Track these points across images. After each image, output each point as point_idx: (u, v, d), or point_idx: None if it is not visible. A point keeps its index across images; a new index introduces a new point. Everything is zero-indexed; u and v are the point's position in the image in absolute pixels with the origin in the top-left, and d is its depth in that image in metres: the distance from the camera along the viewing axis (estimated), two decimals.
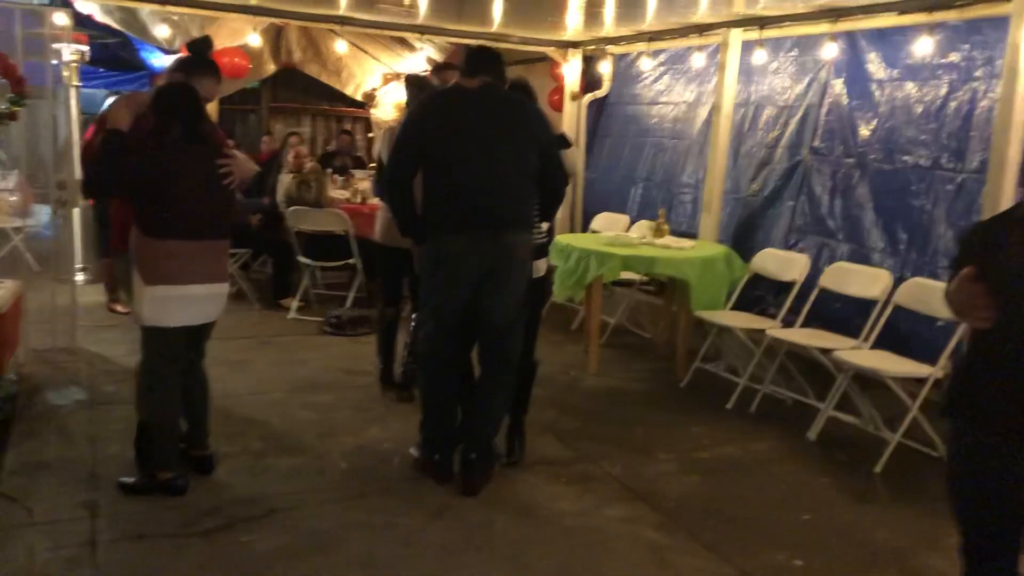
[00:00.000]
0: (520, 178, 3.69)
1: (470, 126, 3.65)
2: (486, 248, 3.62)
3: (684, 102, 7.04)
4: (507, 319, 3.73)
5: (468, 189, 3.61)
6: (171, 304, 3.38)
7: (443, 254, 3.65)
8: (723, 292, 5.47)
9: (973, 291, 1.98)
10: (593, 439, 4.48)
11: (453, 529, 3.42)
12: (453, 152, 3.63)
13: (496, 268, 3.65)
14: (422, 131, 3.70)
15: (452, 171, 3.63)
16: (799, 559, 3.34)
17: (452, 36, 7.42)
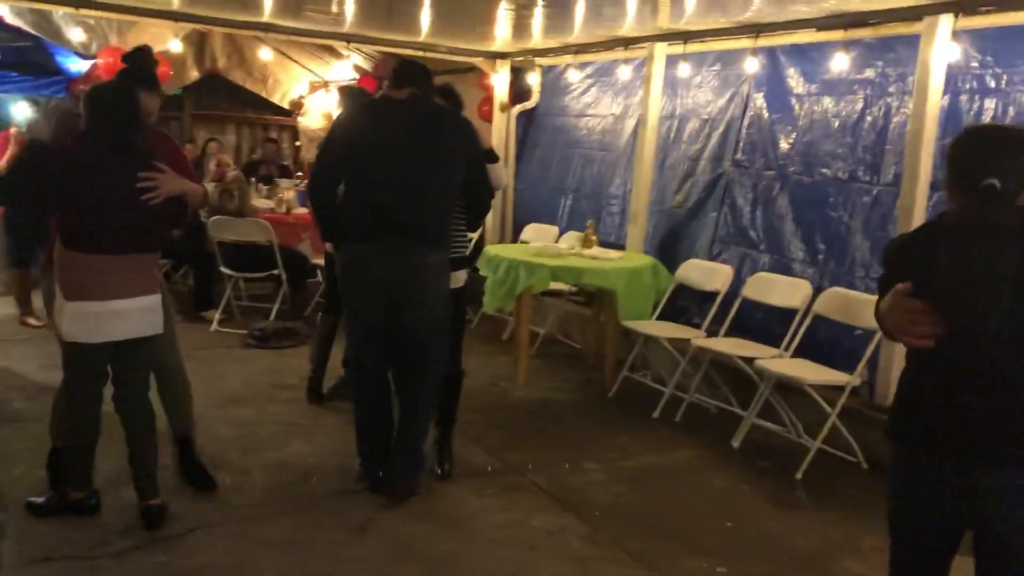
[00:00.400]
0: (442, 191, 3.68)
1: (395, 136, 3.63)
2: (399, 261, 3.61)
3: (611, 114, 7.13)
4: (421, 332, 3.71)
5: (385, 199, 3.59)
6: (91, 320, 3.21)
7: (357, 260, 3.68)
8: (649, 302, 5.54)
9: (911, 308, 1.90)
10: (520, 450, 4.47)
11: (377, 544, 3.37)
12: (375, 161, 3.62)
13: (408, 284, 3.65)
14: (347, 139, 3.70)
15: (372, 180, 3.62)
16: (722, 567, 3.38)
17: (380, 45, 7.38)
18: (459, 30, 6.79)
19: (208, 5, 6.28)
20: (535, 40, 6.96)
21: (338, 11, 6.15)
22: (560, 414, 5.17)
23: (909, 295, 1.91)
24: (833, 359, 4.58)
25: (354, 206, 3.68)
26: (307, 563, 3.19)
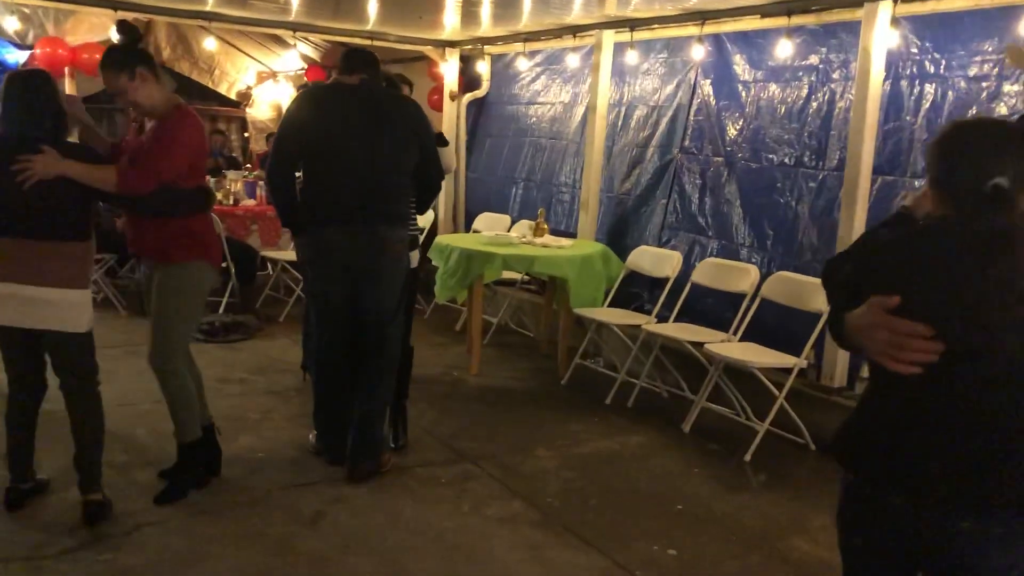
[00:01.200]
0: (397, 174, 3.80)
1: (349, 121, 3.71)
2: (361, 241, 3.73)
3: (560, 102, 7.13)
4: (383, 310, 3.85)
5: (345, 183, 3.70)
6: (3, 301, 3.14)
7: (321, 245, 3.78)
8: (601, 289, 5.56)
9: (902, 330, 1.62)
10: (473, 439, 4.47)
11: (327, 536, 3.34)
12: (332, 146, 3.70)
13: (371, 261, 3.77)
14: (302, 125, 3.76)
15: (330, 165, 3.72)
16: (672, 549, 3.41)
17: (327, 34, 7.31)
18: (408, 19, 6.74)
19: None
20: (484, 28, 6.94)
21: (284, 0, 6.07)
22: (513, 403, 5.18)
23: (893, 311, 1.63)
24: (780, 342, 4.65)
25: (314, 191, 3.78)
26: (258, 557, 3.16)
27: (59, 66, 7.45)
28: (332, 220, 3.73)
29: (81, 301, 3.25)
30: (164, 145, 3.32)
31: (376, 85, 3.87)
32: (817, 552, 3.41)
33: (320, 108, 3.77)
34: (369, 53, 4.00)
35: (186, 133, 3.37)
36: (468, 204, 8.20)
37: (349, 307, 3.84)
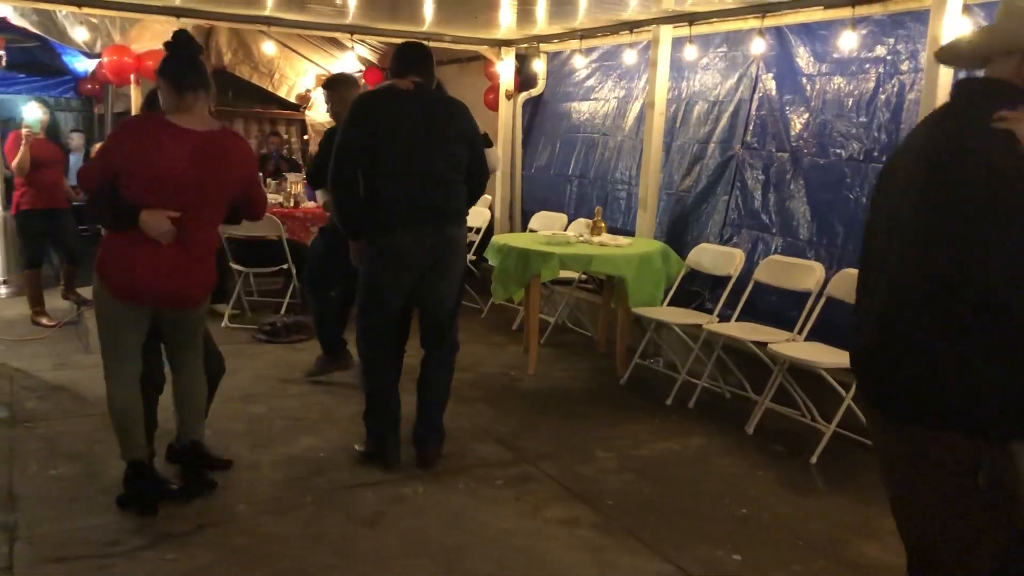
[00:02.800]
0: (455, 173, 3.88)
1: (409, 125, 3.78)
2: (431, 242, 3.82)
3: (616, 98, 7.06)
4: (448, 305, 3.99)
5: (412, 186, 3.77)
6: None
7: (390, 249, 3.81)
8: (660, 288, 5.48)
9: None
10: (532, 440, 4.44)
11: (387, 537, 3.35)
12: (395, 150, 3.76)
13: (439, 260, 3.87)
14: (364, 130, 3.78)
15: (396, 169, 3.76)
16: (737, 554, 3.34)
17: (384, 36, 7.35)
18: (463, 19, 6.74)
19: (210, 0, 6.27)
20: (539, 26, 6.91)
21: (342, 3, 6.12)
22: (571, 403, 5.14)
23: None
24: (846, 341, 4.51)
25: (380, 195, 3.78)
26: (319, 557, 3.17)
27: (125, 73, 7.64)
28: (402, 223, 3.77)
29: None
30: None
31: (428, 87, 3.94)
32: (886, 558, 3.30)
33: (381, 113, 3.80)
34: (422, 49, 4.02)
35: (109, 139, 3.42)
36: (524, 203, 8.18)
37: (406, 306, 3.96)
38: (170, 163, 3.18)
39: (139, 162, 3.18)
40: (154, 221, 3.16)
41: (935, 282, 1.80)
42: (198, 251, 3.36)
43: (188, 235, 3.27)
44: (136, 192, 3.18)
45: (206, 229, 3.39)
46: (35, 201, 6.44)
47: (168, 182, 3.18)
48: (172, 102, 3.28)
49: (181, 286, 3.32)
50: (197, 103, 3.28)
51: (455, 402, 4.93)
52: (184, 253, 3.28)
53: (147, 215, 3.16)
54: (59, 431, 4.31)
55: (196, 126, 3.26)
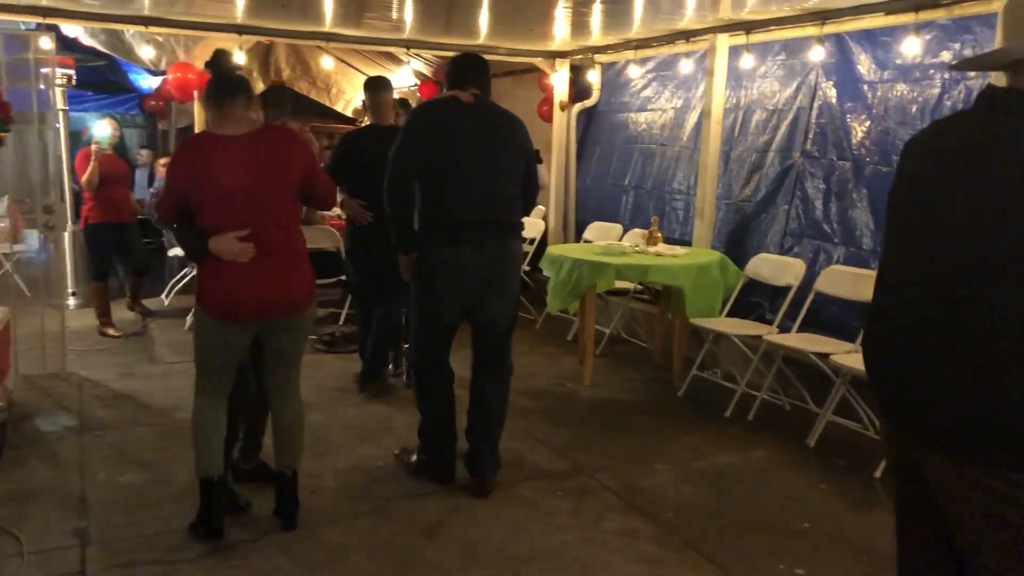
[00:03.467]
0: (514, 187, 3.83)
1: (471, 137, 3.73)
2: (492, 255, 3.74)
3: (673, 108, 7.03)
4: (507, 321, 3.89)
5: (472, 198, 3.70)
6: None
7: (450, 263, 3.72)
8: (718, 299, 5.43)
9: None
10: (589, 451, 4.43)
11: (448, 547, 3.36)
12: (456, 162, 3.70)
13: (498, 274, 3.78)
14: (424, 141, 3.72)
15: (456, 181, 3.70)
16: (800, 568, 3.28)
17: (439, 50, 7.42)
18: (518, 31, 6.78)
19: (271, 17, 6.40)
20: (594, 37, 6.92)
21: (398, 18, 6.20)
22: (628, 414, 5.10)
23: None
24: None
25: (442, 210, 3.71)
26: (381, 567, 3.20)
27: (188, 89, 7.83)
28: (462, 237, 3.70)
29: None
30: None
31: (489, 101, 3.91)
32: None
33: (442, 124, 3.76)
34: (480, 61, 3.98)
35: (167, 167, 3.34)
36: (578, 214, 8.18)
37: (457, 324, 3.87)
38: (223, 176, 3.12)
39: (196, 184, 3.14)
40: (224, 246, 3.11)
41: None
42: (287, 254, 3.27)
43: (270, 241, 3.18)
44: (206, 214, 3.14)
45: (286, 230, 3.27)
46: (103, 215, 6.64)
47: (229, 195, 3.12)
48: (214, 116, 3.26)
49: (283, 292, 3.24)
50: (235, 108, 3.20)
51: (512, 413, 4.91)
52: (273, 260, 3.20)
53: (215, 243, 3.12)
54: (126, 439, 4.42)
55: (236, 131, 3.18)
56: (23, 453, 4.18)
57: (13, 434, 4.41)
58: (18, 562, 3.13)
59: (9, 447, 4.24)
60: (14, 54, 5.63)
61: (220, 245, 3.12)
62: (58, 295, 6.65)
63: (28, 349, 5.42)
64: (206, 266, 3.19)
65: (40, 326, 5.47)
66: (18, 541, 3.28)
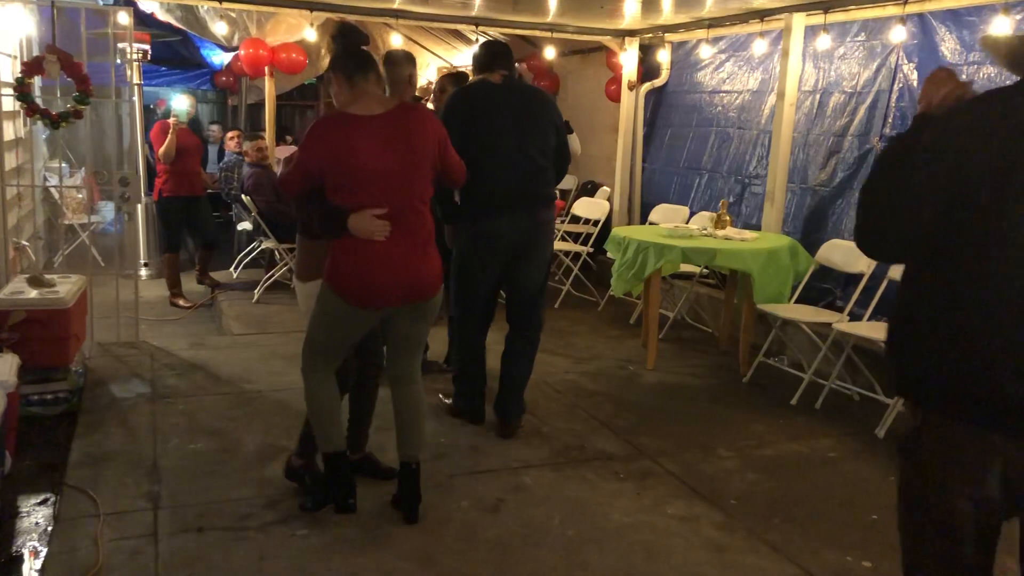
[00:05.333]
0: (545, 160, 4.17)
1: (503, 116, 4.08)
2: (525, 225, 4.12)
3: (748, 90, 6.86)
4: (537, 286, 4.27)
5: (507, 173, 4.06)
6: None
7: (486, 233, 4.11)
8: (787, 285, 5.32)
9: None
10: (651, 435, 4.39)
11: (508, 525, 3.37)
12: (491, 141, 4.05)
13: (531, 242, 4.16)
14: (462, 122, 4.01)
15: (492, 158, 4.03)
16: (867, 561, 3.21)
17: (507, 27, 7.37)
18: (588, 9, 6.69)
19: None
20: (665, 16, 6.79)
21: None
22: (691, 399, 5.05)
23: None
24: None
25: (477, 183, 3.93)
26: (443, 541, 3.22)
27: (260, 65, 7.93)
28: (498, 209, 4.07)
29: (300, 290, 3.47)
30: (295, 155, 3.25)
31: (518, 80, 4.28)
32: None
33: (477, 105, 4.10)
34: (504, 46, 4.33)
35: (303, 146, 3.19)
36: (644, 195, 8.08)
37: (496, 287, 4.29)
38: (368, 157, 3.06)
39: (339, 165, 3.07)
40: (363, 224, 3.05)
41: None
42: (422, 236, 3.21)
43: (409, 222, 3.14)
44: (344, 194, 3.08)
45: (422, 210, 3.22)
46: (176, 188, 6.79)
47: (373, 177, 3.07)
48: (346, 94, 3.19)
49: (417, 276, 3.19)
50: (368, 86, 3.17)
51: (574, 394, 4.95)
52: (411, 241, 3.15)
53: (354, 220, 3.05)
54: (196, 407, 4.53)
55: (375, 110, 3.12)
56: (98, 418, 4.31)
57: (89, 399, 4.56)
58: (94, 522, 3.24)
59: (85, 412, 4.38)
60: (93, 29, 5.77)
61: (359, 222, 3.05)
62: (131, 265, 6.85)
63: (103, 317, 5.57)
64: (342, 245, 3.11)
65: (114, 296, 5.62)
66: (94, 502, 3.39)
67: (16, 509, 3.34)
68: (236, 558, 3.05)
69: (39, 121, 5.14)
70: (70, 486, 3.53)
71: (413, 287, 3.19)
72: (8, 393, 3.44)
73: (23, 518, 3.29)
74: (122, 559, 3.01)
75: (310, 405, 3.34)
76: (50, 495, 3.46)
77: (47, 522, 3.26)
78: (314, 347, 3.31)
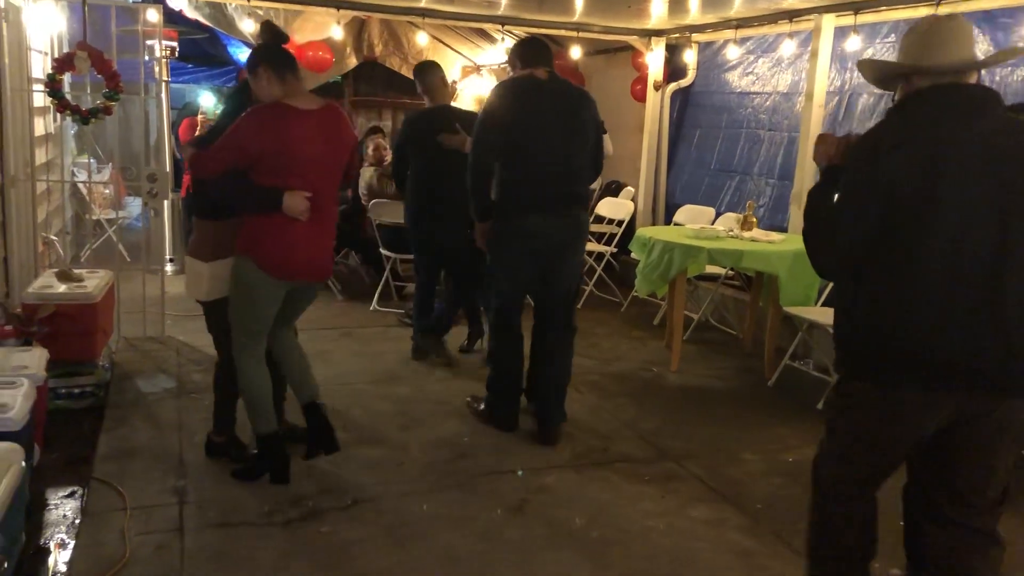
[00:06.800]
0: (584, 160, 4.13)
1: (547, 114, 4.01)
2: (562, 224, 4.08)
3: (778, 92, 6.80)
4: (572, 285, 4.26)
5: (547, 173, 4.01)
6: None
7: (525, 232, 4.04)
8: (814, 288, 5.27)
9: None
10: (675, 438, 4.37)
11: (532, 526, 3.36)
12: (534, 138, 3.99)
13: (569, 243, 4.15)
14: (505, 119, 3.99)
15: (532, 156, 3.99)
16: (896, 568, 3.17)
17: (533, 27, 7.34)
18: (614, 8, 6.66)
19: None
20: (692, 16, 6.75)
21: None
22: (716, 402, 5.01)
23: None
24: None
25: (516, 182, 4.00)
26: (467, 540, 3.22)
27: None
28: (537, 208, 4.01)
29: (198, 271, 3.59)
30: (224, 136, 3.41)
31: (561, 78, 4.17)
32: None
33: (520, 102, 4.02)
34: (544, 43, 4.26)
35: (240, 129, 3.36)
36: (668, 196, 8.04)
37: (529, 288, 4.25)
38: (304, 146, 3.35)
39: (278, 149, 3.31)
40: (295, 203, 3.33)
41: None
42: (331, 224, 3.59)
43: (324, 207, 3.46)
44: (275, 177, 3.33)
45: (332, 201, 3.58)
46: None
47: (305, 164, 3.36)
48: (277, 88, 3.40)
49: (325, 258, 3.59)
50: (297, 83, 3.44)
51: (598, 395, 4.93)
52: (322, 227, 3.49)
53: (289, 198, 3.32)
54: None
55: (310, 105, 3.41)
56: (125, 412, 4.35)
57: (116, 393, 4.60)
58: (122, 516, 3.26)
59: (111, 406, 4.41)
60: (123, 26, 5.81)
61: (293, 202, 3.34)
62: (158, 261, 6.89)
63: (129, 312, 5.61)
64: (270, 222, 3.36)
65: (140, 291, 5.66)
66: (121, 496, 3.41)
67: (45, 501, 3.36)
68: (261, 554, 3.06)
69: (68, 117, 5.19)
70: (97, 479, 3.56)
71: (323, 265, 3.58)
72: (37, 386, 3.47)
73: (51, 510, 3.31)
74: (148, 553, 3.03)
75: (247, 389, 3.56)
76: (78, 488, 3.49)
77: (75, 515, 3.28)
78: (242, 328, 3.53)
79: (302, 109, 3.38)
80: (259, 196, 3.35)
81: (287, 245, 3.39)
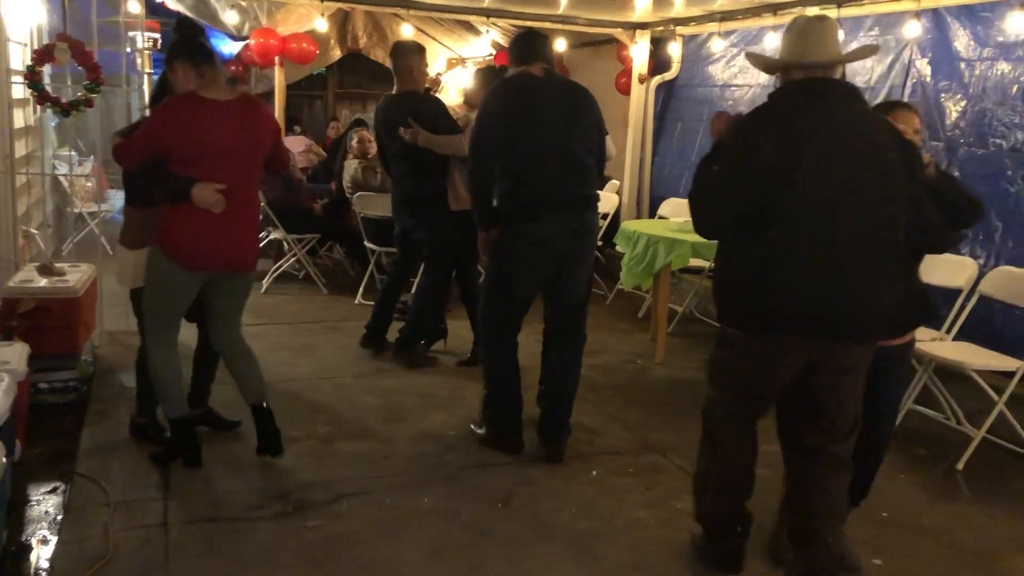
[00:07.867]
0: (591, 158, 3.85)
1: (547, 113, 3.75)
2: (572, 228, 3.79)
3: (759, 84, 6.84)
4: (584, 291, 3.97)
5: (555, 173, 3.74)
6: None
7: (533, 238, 3.76)
8: None
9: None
10: (661, 430, 4.39)
11: (519, 519, 3.37)
12: (535, 141, 3.72)
13: (578, 246, 3.85)
14: (505, 118, 3.76)
15: (539, 157, 3.72)
16: (878, 558, 3.21)
17: (518, 19, 7.34)
18: (598, 1, 6.67)
19: None
20: (677, 9, 6.76)
21: None
22: (700, 394, 4.96)
23: None
24: (1001, 343, 4.26)
25: (520, 184, 3.75)
26: (454, 534, 3.23)
27: (271, 55, 7.93)
28: (544, 211, 3.74)
29: (123, 258, 3.69)
30: (140, 128, 3.52)
31: (559, 74, 3.98)
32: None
33: (520, 101, 3.77)
34: (542, 36, 3.99)
35: (153, 120, 3.46)
36: (653, 189, 8.06)
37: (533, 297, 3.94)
38: (216, 137, 3.37)
39: (189, 140, 3.34)
40: (205, 194, 3.34)
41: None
42: (249, 216, 3.62)
43: (240, 201, 3.47)
44: (188, 168, 3.35)
45: (252, 193, 3.63)
46: None
47: (218, 155, 3.38)
48: (193, 80, 3.45)
49: (240, 250, 3.56)
50: (216, 75, 3.47)
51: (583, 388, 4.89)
52: (238, 218, 3.49)
53: (198, 189, 3.34)
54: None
55: (224, 96, 3.43)
56: (108, 407, 4.32)
57: (99, 388, 4.57)
58: (105, 511, 3.24)
59: (94, 400, 4.39)
60: (104, 17, 5.75)
61: (202, 193, 3.34)
62: None
63: (111, 306, 5.56)
64: (179, 212, 3.38)
65: None
66: (104, 491, 3.39)
67: (26, 497, 3.34)
68: (247, 548, 3.05)
69: (49, 109, 5.14)
70: (80, 475, 3.54)
71: (236, 257, 3.54)
72: (18, 381, 3.45)
73: (33, 507, 3.29)
74: (132, 548, 3.01)
75: (157, 376, 3.62)
76: (60, 484, 3.47)
77: (57, 511, 3.26)
78: (153, 318, 3.60)
79: (215, 100, 3.40)
80: (170, 186, 3.38)
81: (196, 235, 3.42)
